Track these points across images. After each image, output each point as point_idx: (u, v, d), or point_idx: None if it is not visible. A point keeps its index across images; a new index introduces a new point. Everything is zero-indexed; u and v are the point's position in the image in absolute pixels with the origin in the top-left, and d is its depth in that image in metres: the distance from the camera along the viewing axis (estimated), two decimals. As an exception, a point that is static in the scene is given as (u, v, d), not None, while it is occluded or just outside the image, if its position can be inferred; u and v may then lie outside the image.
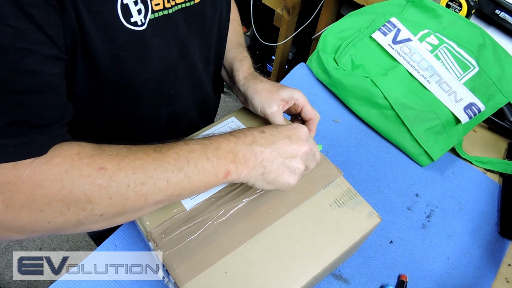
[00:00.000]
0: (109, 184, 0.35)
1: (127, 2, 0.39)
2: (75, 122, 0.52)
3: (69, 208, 0.34)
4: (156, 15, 0.43)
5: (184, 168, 0.38)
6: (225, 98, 2.09)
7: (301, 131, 0.44)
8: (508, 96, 0.74)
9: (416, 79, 0.76)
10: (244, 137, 0.42)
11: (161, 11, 0.43)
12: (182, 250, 0.43)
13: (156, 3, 0.42)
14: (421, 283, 0.61)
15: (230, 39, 0.65)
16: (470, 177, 0.76)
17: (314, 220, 0.48)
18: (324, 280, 0.58)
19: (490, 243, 0.67)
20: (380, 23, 0.81)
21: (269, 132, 0.43)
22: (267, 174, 0.41)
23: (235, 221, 0.46)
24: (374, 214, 0.50)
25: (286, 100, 0.54)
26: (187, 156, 0.38)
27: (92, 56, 0.40)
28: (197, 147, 0.39)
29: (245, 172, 0.41)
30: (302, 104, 0.55)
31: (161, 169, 0.37)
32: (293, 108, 0.56)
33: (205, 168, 0.39)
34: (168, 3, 0.44)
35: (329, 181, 0.51)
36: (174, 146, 0.39)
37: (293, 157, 0.42)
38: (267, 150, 0.41)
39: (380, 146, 0.78)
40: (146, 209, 0.38)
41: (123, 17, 0.40)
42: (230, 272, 0.43)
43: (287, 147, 0.42)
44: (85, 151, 0.35)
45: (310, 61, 0.89)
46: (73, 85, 0.43)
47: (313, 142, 0.46)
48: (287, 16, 1.35)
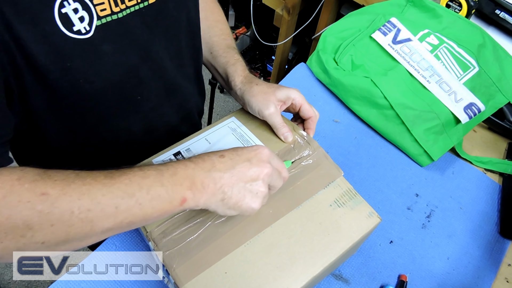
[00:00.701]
0: (51, 210, 0.33)
1: (66, 12, 0.38)
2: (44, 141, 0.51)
3: (6, 235, 0.32)
4: (103, 21, 0.41)
5: (136, 195, 0.36)
6: (225, 98, 2.09)
7: (262, 152, 0.42)
8: (508, 96, 0.74)
9: (416, 79, 0.76)
10: (203, 163, 0.40)
11: (108, 16, 0.42)
12: (182, 250, 0.43)
13: (101, 9, 0.41)
14: (421, 283, 0.61)
15: (218, 43, 0.63)
16: (470, 177, 0.76)
17: (314, 220, 0.48)
18: (324, 280, 0.58)
19: (490, 243, 0.67)
20: (380, 23, 0.81)
21: (228, 156, 0.41)
22: (228, 200, 0.40)
23: (235, 221, 0.46)
24: (374, 214, 0.50)
25: (283, 101, 0.54)
26: (140, 182, 0.37)
27: (38, 69, 0.39)
28: (152, 173, 0.38)
29: (204, 199, 0.39)
30: (300, 103, 0.54)
31: (110, 195, 0.35)
32: (291, 107, 0.56)
33: (158, 195, 0.37)
34: (117, 7, 0.42)
35: (329, 181, 0.51)
36: (127, 172, 0.37)
37: (254, 180, 0.41)
38: (226, 175, 0.40)
39: (380, 146, 0.78)
40: (94, 237, 0.36)
41: (64, 27, 0.38)
42: (230, 272, 0.43)
43: (248, 171, 0.41)
44: (28, 177, 0.34)
45: (310, 61, 0.89)
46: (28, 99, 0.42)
47: (277, 161, 0.44)
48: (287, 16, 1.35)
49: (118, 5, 0.43)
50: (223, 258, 0.44)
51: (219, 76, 0.64)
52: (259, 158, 0.42)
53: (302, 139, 0.55)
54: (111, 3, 0.42)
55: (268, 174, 0.41)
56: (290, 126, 0.55)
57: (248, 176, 0.41)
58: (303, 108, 0.55)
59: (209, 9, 0.67)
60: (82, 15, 0.39)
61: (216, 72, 0.64)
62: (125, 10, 0.44)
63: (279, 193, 0.49)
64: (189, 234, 0.45)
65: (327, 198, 0.50)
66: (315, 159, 0.53)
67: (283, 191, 0.49)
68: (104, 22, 0.42)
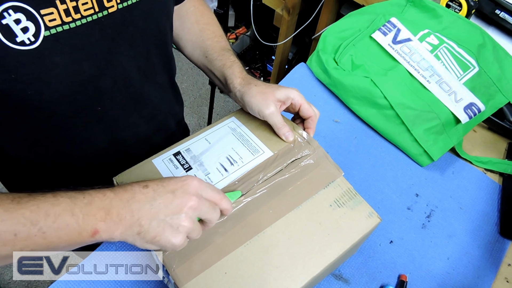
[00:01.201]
0: None
1: (7, 23, 0.37)
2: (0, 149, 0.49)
3: None
4: (53, 32, 0.40)
5: (40, 223, 0.34)
6: (225, 98, 2.09)
7: (190, 184, 0.39)
8: (508, 96, 0.74)
9: (416, 79, 0.76)
10: (123, 193, 0.38)
11: (59, 26, 0.40)
12: (181, 250, 0.43)
13: (50, 19, 0.39)
14: (421, 283, 0.61)
15: (212, 46, 0.62)
16: (470, 177, 0.76)
17: (314, 220, 0.48)
18: (324, 280, 0.58)
19: (490, 243, 0.67)
20: (380, 23, 0.81)
21: (152, 187, 0.39)
22: (145, 234, 0.37)
23: (235, 221, 0.46)
24: (374, 214, 0.50)
25: (282, 100, 0.54)
26: (48, 209, 0.35)
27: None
28: (64, 200, 0.36)
29: (119, 231, 0.37)
30: (299, 102, 0.54)
31: (10, 222, 0.33)
32: (291, 107, 0.56)
33: (66, 224, 0.35)
34: (68, 17, 0.41)
35: (330, 181, 0.51)
36: (38, 197, 0.35)
37: (176, 213, 0.38)
38: (146, 207, 0.37)
39: (380, 146, 0.78)
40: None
41: (5, 38, 0.37)
42: (230, 273, 0.43)
43: (170, 203, 0.38)
44: None
45: (310, 61, 0.89)
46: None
47: (212, 193, 0.41)
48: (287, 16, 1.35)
49: (71, 15, 0.41)
50: (223, 258, 0.44)
51: (217, 79, 0.63)
52: (184, 190, 0.39)
53: (302, 139, 0.55)
54: (61, 13, 0.40)
55: (192, 208, 0.38)
56: (290, 125, 0.55)
57: (170, 209, 0.38)
58: (302, 107, 0.55)
59: (199, 13, 0.66)
60: (26, 26, 0.38)
61: (213, 76, 0.63)
62: (80, 20, 0.42)
63: (279, 192, 0.49)
64: None
65: (327, 198, 0.50)
66: (315, 159, 0.53)
67: (283, 191, 0.49)
68: (54, 33, 0.40)
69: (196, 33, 0.64)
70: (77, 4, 0.41)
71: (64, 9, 0.40)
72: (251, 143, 0.54)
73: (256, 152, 0.52)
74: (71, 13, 0.41)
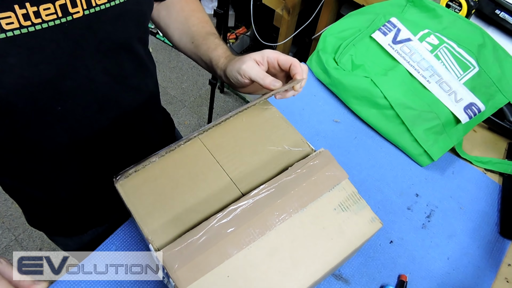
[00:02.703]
0: None
1: None
2: None
3: None
4: (9, 34, 0.40)
5: None
6: (225, 98, 2.09)
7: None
8: (508, 96, 0.74)
9: (416, 79, 0.76)
10: None
11: (16, 29, 0.41)
12: (183, 252, 0.43)
13: (7, 23, 0.40)
14: (421, 283, 0.61)
15: (198, 32, 0.63)
16: (470, 177, 0.76)
17: (318, 224, 0.48)
18: (324, 280, 0.58)
19: (490, 243, 0.67)
20: (380, 23, 0.81)
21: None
22: None
23: (239, 222, 0.46)
24: (377, 219, 0.50)
25: (258, 60, 0.54)
26: None
27: None
28: None
29: None
30: (275, 57, 0.54)
31: None
32: (270, 66, 0.56)
33: None
34: (27, 21, 0.41)
35: (335, 184, 0.51)
36: None
37: None
38: None
39: (380, 146, 0.78)
40: None
41: None
42: (232, 276, 0.43)
43: None
44: None
45: (310, 61, 0.89)
46: None
47: None
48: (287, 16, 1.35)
49: (30, 19, 0.41)
50: (225, 261, 0.43)
51: (204, 63, 0.64)
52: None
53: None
54: (19, 17, 0.40)
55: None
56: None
57: None
58: (280, 60, 0.54)
59: (184, 1, 0.67)
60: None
61: (201, 61, 0.65)
62: (40, 24, 0.42)
63: (284, 194, 0.49)
64: (191, 234, 0.44)
65: (331, 201, 0.49)
66: (321, 160, 0.53)
67: (288, 193, 0.49)
68: (10, 36, 0.40)
69: (182, 21, 0.65)
70: (38, 9, 0.41)
71: (23, 13, 0.41)
72: None
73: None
74: (30, 18, 0.41)
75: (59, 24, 0.44)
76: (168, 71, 2.17)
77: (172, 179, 0.50)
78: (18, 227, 1.57)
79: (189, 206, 0.47)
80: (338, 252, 0.46)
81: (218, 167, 0.51)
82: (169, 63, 2.21)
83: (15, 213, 1.60)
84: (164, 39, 2.27)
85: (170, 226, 0.46)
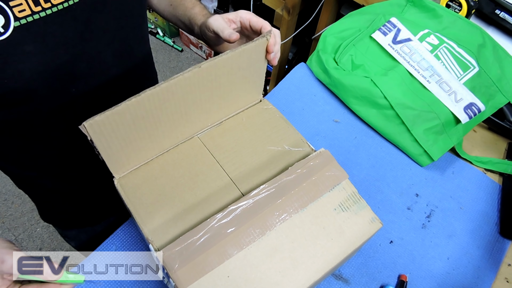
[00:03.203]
0: None
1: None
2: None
3: None
4: (23, 22, 0.41)
5: None
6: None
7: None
8: (508, 96, 0.74)
9: (416, 79, 0.76)
10: None
11: (29, 16, 0.42)
12: (183, 252, 0.43)
13: (20, 10, 0.41)
14: (421, 283, 0.61)
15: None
16: (470, 177, 0.76)
17: (318, 224, 0.48)
18: (324, 280, 0.58)
19: (490, 243, 0.67)
20: (380, 23, 0.81)
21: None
22: None
23: (239, 222, 0.46)
24: (377, 220, 0.50)
25: (231, 19, 0.55)
26: None
27: None
28: None
29: None
30: (247, 18, 0.55)
31: None
32: (243, 27, 0.57)
33: None
34: (38, 7, 0.42)
35: (335, 184, 0.51)
36: None
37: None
38: None
39: (380, 146, 0.78)
40: None
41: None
42: (232, 276, 0.43)
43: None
44: None
45: (310, 61, 0.89)
46: None
47: None
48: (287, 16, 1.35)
49: (40, 4, 0.42)
50: (225, 261, 0.43)
51: (183, 24, 0.65)
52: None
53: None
54: (30, 3, 0.41)
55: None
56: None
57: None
58: (252, 21, 0.55)
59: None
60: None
61: (180, 22, 0.65)
62: (50, 8, 0.43)
63: (285, 193, 0.49)
64: (191, 234, 0.44)
65: (331, 201, 0.49)
66: (321, 160, 0.53)
67: (289, 193, 0.49)
68: (24, 23, 0.41)
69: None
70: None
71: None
72: None
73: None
74: (40, 3, 0.42)
75: (67, 6, 0.45)
76: (168, 71, 2.17)
77: (172, 179, 0.50)
78: (18, 227, 1.57)
79: (189, 206, 0.48)
80: (338, 252, 0.46)
81: (218, 167, 0.51)
82: (169, 63, 2.21)
83: (15, 213, 1.60)
84: (164, 39, 2.27)
85: (170, 226, 0.46)
